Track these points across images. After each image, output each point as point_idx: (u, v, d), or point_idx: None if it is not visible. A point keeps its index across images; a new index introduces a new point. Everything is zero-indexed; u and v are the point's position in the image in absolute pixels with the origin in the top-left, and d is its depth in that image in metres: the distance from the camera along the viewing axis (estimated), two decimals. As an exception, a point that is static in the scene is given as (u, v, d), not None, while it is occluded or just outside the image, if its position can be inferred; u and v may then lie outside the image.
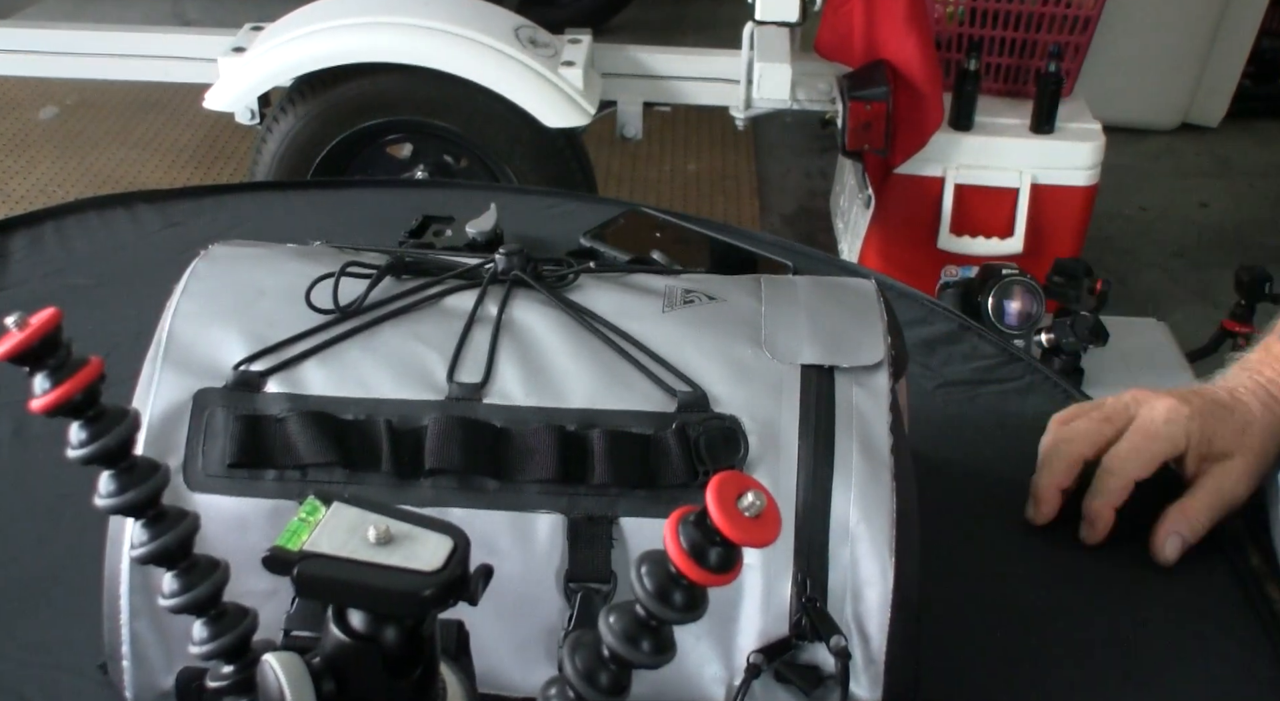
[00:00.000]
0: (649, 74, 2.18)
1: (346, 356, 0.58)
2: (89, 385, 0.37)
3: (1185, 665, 0.65)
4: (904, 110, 1.91)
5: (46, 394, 0.37)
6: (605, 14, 3.58)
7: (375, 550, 0.38)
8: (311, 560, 0.37)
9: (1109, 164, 2.02)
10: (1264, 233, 2.87)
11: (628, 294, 0.62)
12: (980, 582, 0.70)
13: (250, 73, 2.05)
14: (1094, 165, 1.99)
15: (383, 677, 0.39)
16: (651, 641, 0.36)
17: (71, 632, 0.63)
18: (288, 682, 0.38)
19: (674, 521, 0.35)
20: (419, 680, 0.40)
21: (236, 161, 3.00)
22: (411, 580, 0.37)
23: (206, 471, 0.55)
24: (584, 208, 1.09)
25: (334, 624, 0.39)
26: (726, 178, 3.06)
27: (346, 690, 0.39)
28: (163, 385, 0.56)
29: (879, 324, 0.60)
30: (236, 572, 0.42)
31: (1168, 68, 3.10)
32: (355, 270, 0.61)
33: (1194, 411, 0.71)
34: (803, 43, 2.16)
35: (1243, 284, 1.94)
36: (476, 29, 1.98)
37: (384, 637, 0.38)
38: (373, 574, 0.37)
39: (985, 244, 2.02)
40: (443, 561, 0.37)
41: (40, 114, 3.22)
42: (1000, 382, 0.87)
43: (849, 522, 0.54)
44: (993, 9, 2.00)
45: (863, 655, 0.55)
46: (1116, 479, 0.70)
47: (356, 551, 0.37)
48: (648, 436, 0.55)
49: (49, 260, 0.98)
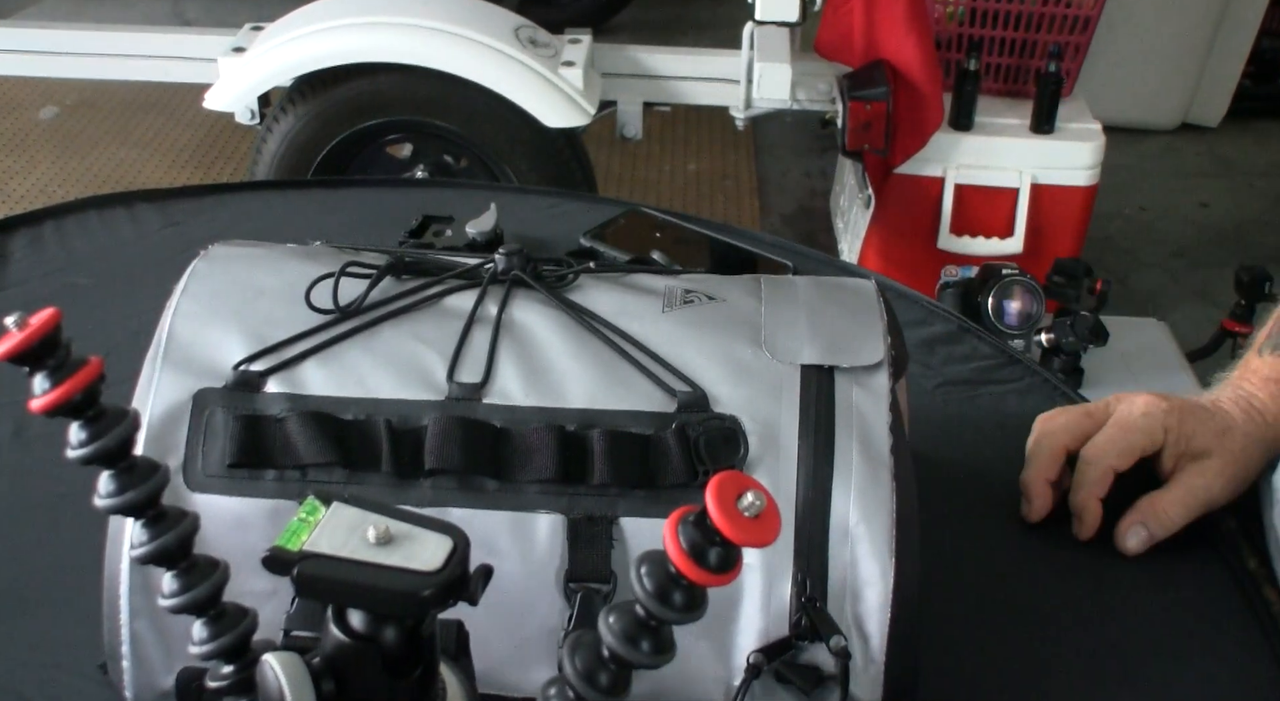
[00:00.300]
0: (649, 74, 2.18)
1: (346, 356, 0.58)
2: (88, 385, 0.37)
3: (1183, 666, 0.65)
4: (904, 110, 1.91)
5: (46, 394, 0.37)
6: (605, 14, 3.58)
7: (375, 550, 0.38)
8: (311, 560, 0.37)
9: (1109, 164, 2.02)
10: (1264, 233, 2.87)
11: (627, 294, 0.62)
12: (980, 582, 0.70)
13: (250, 73, 2.05)
14: (1094, 165, 1.99)
15: (382, 677, 0.39)
16: (651, 641, 0.36)
17: (71, 632, 0.63)
18: (287, 682, 0.38)
19: (673, 521, 0.35)
20: (419, 680, 0.40)
21: (236, 162, 3.00)
22: (411, 580, 0.37)
23: (206, 471, 0.55)
24: (584, 208, 1.09)
25: (333, 624, 0.39)
26: (726, 178, 3.06)
27: (346, 690, 0.39)
28: (163, 385, 0.56)
29: (879, 324, 0.60)
30: (236, 572, 0.42)
31: (1168, 68, 3.10)
32: (355, 270, 0.61)
33: (1172, 408, 0.72)
34: (803, 43, 2.16)
35: (1243, 284, 1.94)
36: (476, 29, 1.98)
37: (384, 637, 0.38)
38: (372, 574, 0.37)
39: (985, 244, 2.02)
40: (442, 561, 0.37)
41: (40, 114, 3.22)
42: (1000, 383, 0.87)
43: (849, 523, 0.54)
44: (993, 9, 2.00)
45: (862, 655, 0.55)
46: (1094, 468, 0.71)
47: (356, 551, 0.37)
48: (648, 436, 0.55)
49: (49, 260, 0.98)
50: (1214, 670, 0.65)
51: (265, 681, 0.39)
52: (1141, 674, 0.64)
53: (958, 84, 1.97)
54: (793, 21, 2.03)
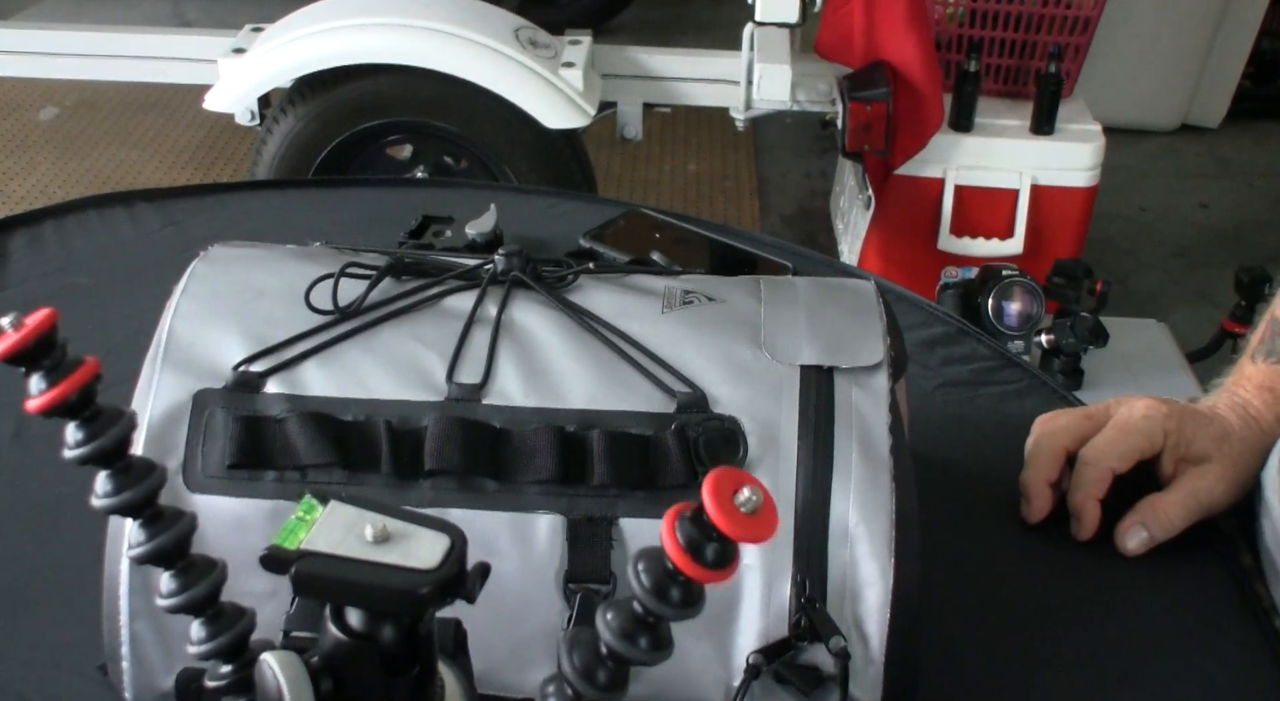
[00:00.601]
0: (649, 75, 2.19)
1: (346, 357, 0.58)
2: (84, 386, 0.37)
3: (1182, 666, 0.65)
4: (904, 111, 1.91)
5: (42, 394, 0.37)
6: (605, 15, 3.58)
7: (372, 548, 0.38)
8: (309, 559, 0.37)
9: (1109, 165, 2.02)
10: (1264, 233, 2.87)
11: (627, 295, 0.62)
12: (979, 582, 0.70)
13: (250, 74, 2.05)
14: (1094, 166, 2.00)
15: (381, 676, 0.39)
16: (649, 638, 0.36)
17: (71, 633, 0.63)
18: (286, 682, 0.38)
19: (671, 517, 0.35)
20: (417, 679, 0.40)
21: (236, 163, 3.00)
22: (408, 578, 0.37)
23: (206, 472, 0.55)
24: (584, 208, 1.09)
25: (332, 622, 0.39)
26: (726, 178, 3.06)
27: (344, 689, 0.39)
28: (162, 386, 0.56)
29: (878, 325, 0.60)
30: (236, 573, 0.42)
31: (1168, 68, 3.10)
32: (355, 271, 0.61)
33: (1172, 412, 0.72)
34: (803, 43, 2.16)
35: (1243, 284, 1.94)
36: (476, 30, 1.98)
37: (382, 636, 0.38)
38: (370, 572, 0.37)
39: (985, 245, 2.02)
40: (440, 559, 0.37)
41: (40, 115, 3.22)
42: (1000, 384, 0.87)
43: (848, 523, 0.54)
44: (993, 10, 2.00)
45: (862, 656, 0.55)
46: (1093, 469, 0.71)
47: (354, 550, 0.37)
48: (647, 437, 0.55)
49: (49, 260, 0.98)
50: (1213, 670, 0.65)
51: (264, 680, 0.39)
52: (1140, 673, 0.64)
53: (958, 85, 1.97)
54: (793, 22, 2.03)
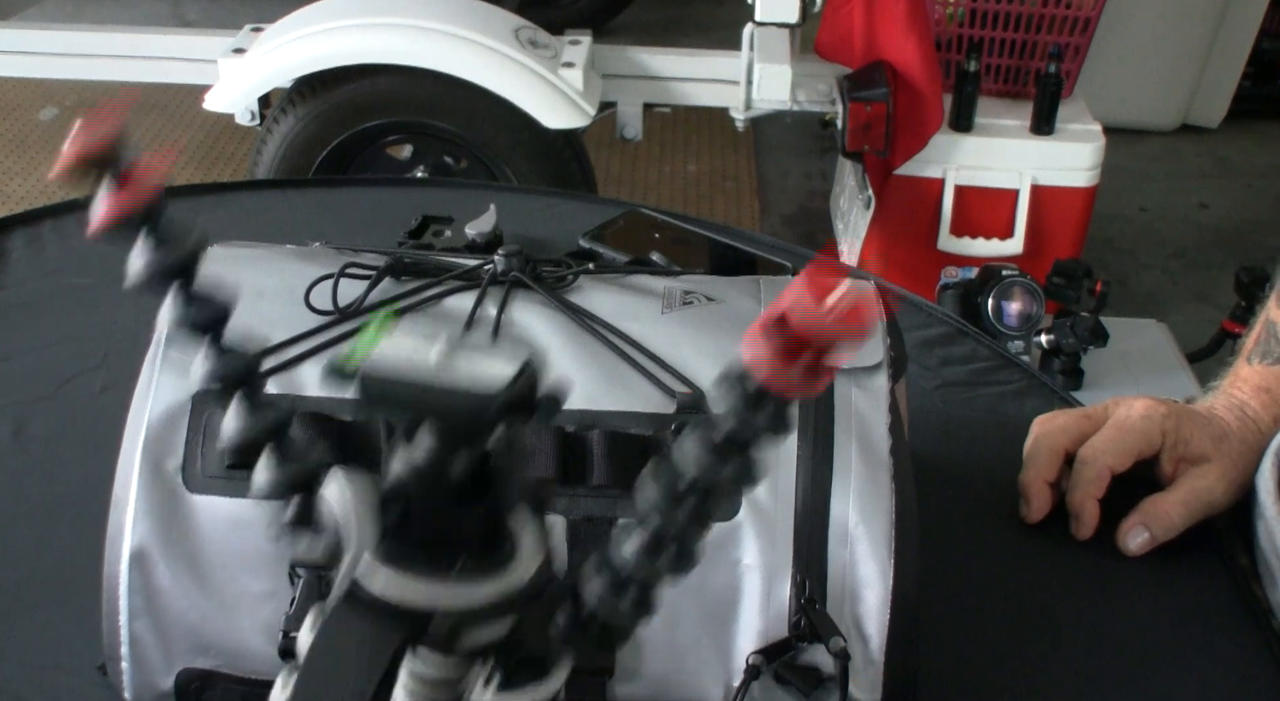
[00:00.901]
0: (649, 75, 2.19)
1: (346, 357, 0.57)
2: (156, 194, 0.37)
3: (1181, 666, 0.65)
4: (904, 111, 1.91)
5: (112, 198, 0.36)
6: (605, 15, 3.58)
7: (444, 363, 0.36)
8: (377, 366, 0.36)
9: (1109, 165, 2.03)
10: (1264, 233, 2.87)
11: (627, 295, 0.62)
12: (979, 582, 0.70)
13: (250, 74, 2.05)
14: (1094, 166, 2.00)
15: (449, 509, 0.37)
16: (738, 463, 0.34)
17: (71, 633, 0.63)
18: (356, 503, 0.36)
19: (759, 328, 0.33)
20: (487, 517, 0.38)
21: (236, 163, 3.00)
22: (475, 394, 0.36)
23: (205, 472, 0.55)
24: (584, 208, 1.09)
25: (400, 445, 0.37)
26: (726, 178, 3.06)
27: (409, 519, 0.38)
28: (162, 386, 0.56)
29: (878, 325, 0.60)
30: (236, 573, 0.42)
31: (1168, 68, 3.11)
32: (354, 271, 0.61)
33: (1171, 412, 0.72)
34: (803, 43, 2.16)
35: (1243, 285, 1.94)
36: (476, 30, 1.98)
37: (450, 462, 0.37)
38: (438, 383, 0.36)
39: (985, 245, 2.02)
40: (511, 377, 0.36)
41: (40, 115, 3.22)
42: (999, 384, 0.87)
43: (848, 524, 0.54)
44: (993, 10, 2.00)
45: (862, 656, 0.55)
46: (1090, 468, 0.71)
47: (424, 363, 0.36)
48: (647, 437, 0.55)
49: (48, 259, 0.98)
50: (1212, 670, 0.65)
51: (329, 499, 0.37)
52: (1140, 673, 0.64)
53: (958, 85, 1.97)
54: (793, 23, 2.04)
